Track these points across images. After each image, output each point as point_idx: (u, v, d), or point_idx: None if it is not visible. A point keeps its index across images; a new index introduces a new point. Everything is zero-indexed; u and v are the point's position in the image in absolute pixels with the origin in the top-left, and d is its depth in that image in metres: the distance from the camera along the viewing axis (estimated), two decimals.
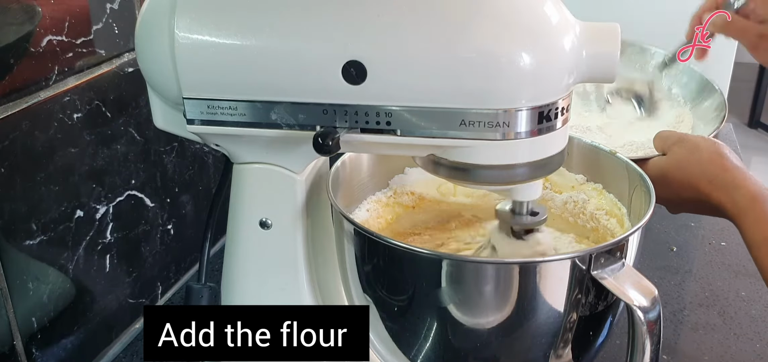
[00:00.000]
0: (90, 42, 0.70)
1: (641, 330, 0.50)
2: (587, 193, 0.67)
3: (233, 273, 0.61)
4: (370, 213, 0.68)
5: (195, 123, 0.52)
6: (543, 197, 0.69)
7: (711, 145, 0.66)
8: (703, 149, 0.65)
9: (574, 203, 0.67)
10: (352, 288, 0.60)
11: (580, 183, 0.68)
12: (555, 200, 0.69)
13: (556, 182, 0.70)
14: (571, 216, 0.67)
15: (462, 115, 0.47)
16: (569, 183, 0.69)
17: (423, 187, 0.71)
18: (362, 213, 0.68)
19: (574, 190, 0.68)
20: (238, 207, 0.59)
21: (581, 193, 0.67)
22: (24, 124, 0.63)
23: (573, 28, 0.48)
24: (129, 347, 0.80)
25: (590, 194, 0.67)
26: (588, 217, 0.66)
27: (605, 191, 0.66)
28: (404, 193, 0.70)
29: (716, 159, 0.64)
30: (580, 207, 0.67)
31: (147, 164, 0.80)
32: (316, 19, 0.48)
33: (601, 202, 0.66)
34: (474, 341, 0.56)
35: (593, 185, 0.68)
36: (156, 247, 0.84)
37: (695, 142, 0.67)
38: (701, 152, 0.65)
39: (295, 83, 0.49)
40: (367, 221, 0.67)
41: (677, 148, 0.67)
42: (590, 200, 0.67)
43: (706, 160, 0.64)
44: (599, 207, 0.66)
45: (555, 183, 0.70)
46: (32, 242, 0.66)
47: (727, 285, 0.90)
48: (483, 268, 0.53)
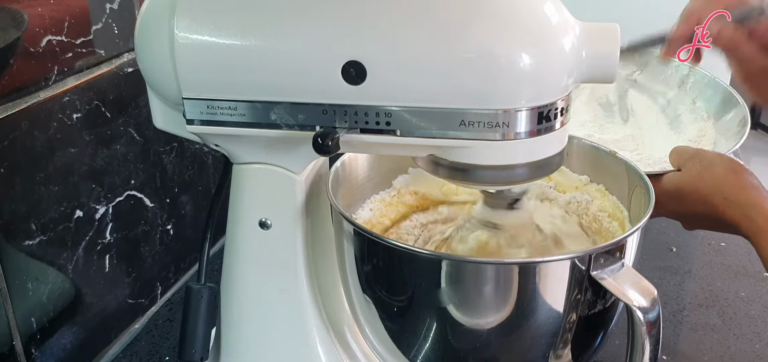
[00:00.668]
0: (90, 42, 0.70)
1: (641, 330, 0.50)
2: (591, 194, 0.67)
3: (233, 274, 0.61)
4: (374, 212, 0.68)
5: (194, 123, 0.52)
6: (547, 196, 0.69)
7: (727, 162, 0.65)
8: (719, 166, 0.65)
9: (577, 203, 0.67)
10: (352, 288, 0.60)
11: (584, 184, 0.68)
12: (558, 200, 0.69)
13: (560, 182, 0.70)
14: (575, 215, 0.67)
15: (461, 116, 0.47)
16: (573, 184, 0.69)
17: (426, 187, 0.71)
18: (365, 213, 0.68)
19: (578, 191, 0.68)
20: (238, 207, 0.59)
21: (585, 194, 0.67)
22: (23, 124, 0.63)
23: (573, 29, 0.48)
24: (128, 347, 0.80)
25: (594, 195, 0.67)
26: (591, 219, 0.66)
27: (608, 193, 0.66)
28: (408, 193, 0.71)
29: (732, 176, 0.64)
30: (583, 207, 0.67)
31: (146, 164, 0.80)
32: (315, 20, 0.48)
33: (604, 204, 0.66)
34: (473, 341, 0.56)
35: (596, 186, 0.67)
36: (155, 247, 0.84)
37: (711, 159, 0.66)
38: (716, 168, 0.65)
39: (294, 83, 0.49)
40: (369, 220, 0.67)
41: (692, 164, 0.66)
42: (593, 201, 0.67)
43: (722, 177, 0.64)
44: (602, 209, 0.66)
45: (559, 183, 0.70)
46: (32, 242, 0.66)
47: (726, 286, 0.90)
48: (482, 268, 0.53)
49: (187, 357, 0.61)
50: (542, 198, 0.69)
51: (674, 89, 1.05)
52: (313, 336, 0.61)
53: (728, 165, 0.65)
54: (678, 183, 0.64)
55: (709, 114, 1.00)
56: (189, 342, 0.61)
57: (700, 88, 1.03)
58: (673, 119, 1.03)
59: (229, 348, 0.64)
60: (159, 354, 0.79)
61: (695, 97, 1.03)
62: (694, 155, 0.67)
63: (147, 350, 0.80)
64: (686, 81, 1.04)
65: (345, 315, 0.64)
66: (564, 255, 0.56)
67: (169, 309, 0.87)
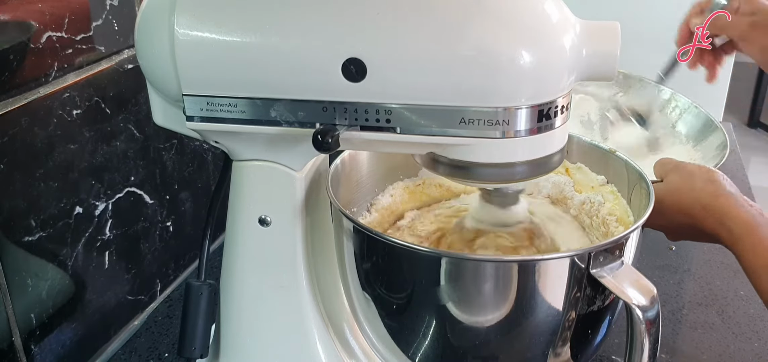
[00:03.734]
0: (89, 38, 0.70)
1: (640, 328, 0.50)
2: (604, 196, 0.67)
3: (232, 271, 0.61)
4: (393, 198, 0.69)
5: (194, 120, 0.52)
6: (564, 195, 0.70)
7: (705, 173, 0.67)
8: (697, 177, 0.67)
9: (591, 204, 0.67)
10: (351, 285, 0.60)
11: (600, 185, 0.68)
12: (574, 199, 0.69)
13: (578, 180, 0.70)
14: (587, 216, 0.67)
15: (462, 113, 0.47)
16: (590, 183, 0.69)
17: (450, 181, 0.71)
18: (385, 199, 0.69)
19: (593, 191, 0.68)
20: (238, 204, 0.59)
21: (598, 195, 0.67)
22: (23, 121, 0.63)
23: (573, 27, 0.48)
24: (127, 344, 0.80)
25: (607, 197, 0.67)
26: (600, 221, 0.66)
27: (621, 196, 0.66)
28: (433, 184, 0.71)
29: (709, 186, 0.65)
30: (595, 209, 0.67)
31: (146, 161, 0.80)
32: (316, 17, 0.48)
33: (614, 208, 0.66)
34: (473, 339, 0.56)
35: (611, 188, 0.67)
36: (155, 244, 0.84)
37: (690, 170, 0.68)
38: (695, 180, 0.66)
39: (294, 80, 0.49)
40: (388, 206, 0.68)
41: (673, 176, 0.68)
42: (605, 203, 0.67)
43: (700, 187, 0.65)
44: (611, 212, 0.65)
45: (578, 181, 0.70)
46: (31, 238, 0.66)
47: (725, 285, 0.91)
48: (482, 266, 0.53)
49: (187, 354, 0.61)
50: (559, 196, 0.70)
51: (655, 112, 1.07)
52: (312, 333, 0.61)
53: (706, 175, 0.67)
54: (659, 194, 0.65)
55: (689, 138, 1.03)
56: (189, 339, 0.61)
57: (680, 114, 1.05)
58: (652, 141, 1.05)
59: (228, 345, 0.64)
60: (158, 350, 0.79)
61: (675, 121, 1.05)
62: (675, 167, 0.69)
63: (146, 346, 0.80)
64: (667, 106, 1.07)
65: (344, 313, 0.65)
66: (563, 253, 0.56)
67: (168, 305, 0.87)
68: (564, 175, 0.71)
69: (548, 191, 0.71)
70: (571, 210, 0.69)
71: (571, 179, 0.70)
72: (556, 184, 0.70)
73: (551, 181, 0.70)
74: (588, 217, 0.67)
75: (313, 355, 0.62)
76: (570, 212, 0.69)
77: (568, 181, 0.70)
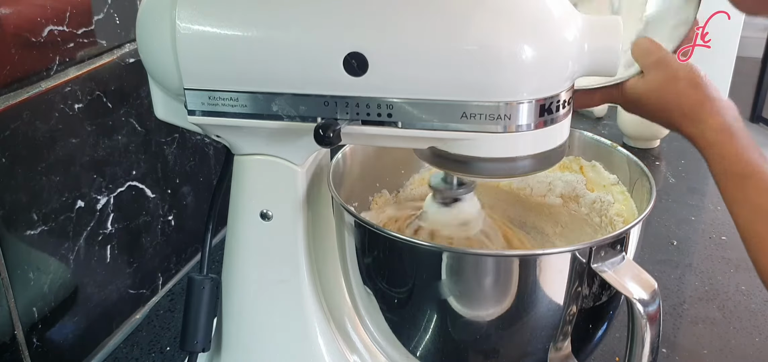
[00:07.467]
0: (91, 32, 0.70)
1: (641, 323, 0.50)
2: (614, 195, 0.67)
3: (234, 265, 0.61)
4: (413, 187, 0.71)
5: (196, 114, 0.52)
6: (576, 193, 0.69)
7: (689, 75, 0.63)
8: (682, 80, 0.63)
9: (601, 203, 0.67)
10: (352, 279, 0.60)
11: (612, 184, 0.68)
12: (586, 197, 0.69)
13: (591, 179, 0.70)
14: (598, 215, 0.67)
15: (463, 108, 0.47)
16: (602, 182, 0.69)
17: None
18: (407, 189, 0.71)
19: (604, 190, 0.68)
20: (239, 198, 0.59)
21: (609, 194, 0.67)
22: (25, 115, 0.63)
23: (575, 21, 0.48)
24: (129, 337, 0.81)
25: (617, 197, 0.67)
26: (608, 221, 0.66)
27: (630, 197, 0.66)
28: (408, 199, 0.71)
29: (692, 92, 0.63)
30: (604, 208, 0.66)
31: (148, 155, 0.81)
32: (317, 11, 0.48)
33: (622, 208, 0.66)
34: (474, 333, 0.56)
35: (621, 188, 0.67)
36: (157, 238, 0.85)
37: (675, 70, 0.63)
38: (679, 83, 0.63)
39: (296, 75, 0.49)
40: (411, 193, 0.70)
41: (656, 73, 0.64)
42: (614, 204, 0.66)
43: (683, 91, 0.62)
44: (619, 213, 0.65)
45: (590, 179, 0.70)
46: (33, 232, 0.66)
47: (727, 280, 0.91)
48: (483, 260, 0.53)
49: (189, 348, 0.62)
50: (571, 195, 0.70)
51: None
52: (313, 327, 0.62)
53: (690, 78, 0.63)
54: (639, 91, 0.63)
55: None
56: (191, 333, 0.61)
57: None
58: None
59: (229, 339, 0.64)
60: (160, 344, 0.80)
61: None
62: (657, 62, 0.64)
63: (148, 340, 0.80)
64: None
65: (345, 307, 0.65)
66: (565, 248, 0.56)
67: (170, 299, 0.87)
68: (578, 173, 0.70)
69: (561, 190, 0.70)
70: (582, 208, 0.68)
71: (584, 177, 0.70)
72: (568, 183, 0.70)
73: (564, 179, 0.70)
74: (598, 216, 0.67)
75: (314, 349, 0.62)
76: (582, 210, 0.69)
77: (581, 179, 0.70)
